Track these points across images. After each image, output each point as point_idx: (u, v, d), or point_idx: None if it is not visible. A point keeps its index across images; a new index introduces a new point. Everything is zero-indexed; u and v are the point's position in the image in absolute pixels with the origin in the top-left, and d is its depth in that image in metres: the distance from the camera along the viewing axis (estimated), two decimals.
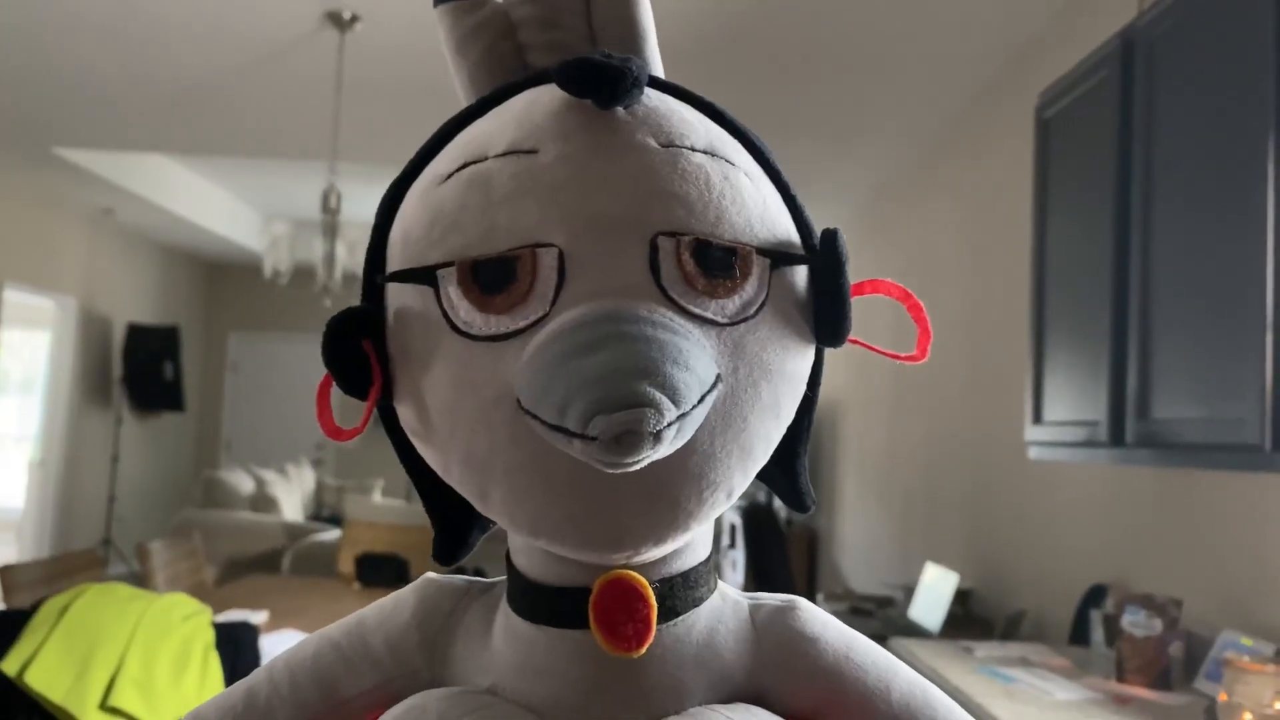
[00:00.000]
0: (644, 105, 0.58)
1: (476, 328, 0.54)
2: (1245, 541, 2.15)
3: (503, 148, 0.57)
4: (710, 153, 0.58)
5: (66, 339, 7.44)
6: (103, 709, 2.20)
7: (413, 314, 0.57)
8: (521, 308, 0.53)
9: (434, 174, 0.59)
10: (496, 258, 0.54)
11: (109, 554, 7.47)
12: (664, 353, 0.49)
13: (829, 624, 0.66)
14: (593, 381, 0.48)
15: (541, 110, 0.58)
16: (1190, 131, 1.93)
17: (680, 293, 0.54)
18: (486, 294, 0.54)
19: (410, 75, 4.07)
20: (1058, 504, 3.03)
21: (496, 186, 0.55)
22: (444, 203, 0.57)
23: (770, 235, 0.58)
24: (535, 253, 0.53)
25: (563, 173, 0.55)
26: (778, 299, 0.58)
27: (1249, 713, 1.76)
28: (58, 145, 5.50)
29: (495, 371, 0.54)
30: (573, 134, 0.56)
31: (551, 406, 0.49)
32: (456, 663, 0.65)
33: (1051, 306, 2.49)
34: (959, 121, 4.20)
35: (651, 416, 0.47)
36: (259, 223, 8.02)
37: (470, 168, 0.57)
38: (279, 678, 0.69)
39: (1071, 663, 2.36)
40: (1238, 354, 1.71)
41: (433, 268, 0.56)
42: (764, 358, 0.57)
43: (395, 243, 0.60)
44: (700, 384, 0.51)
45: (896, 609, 3.85)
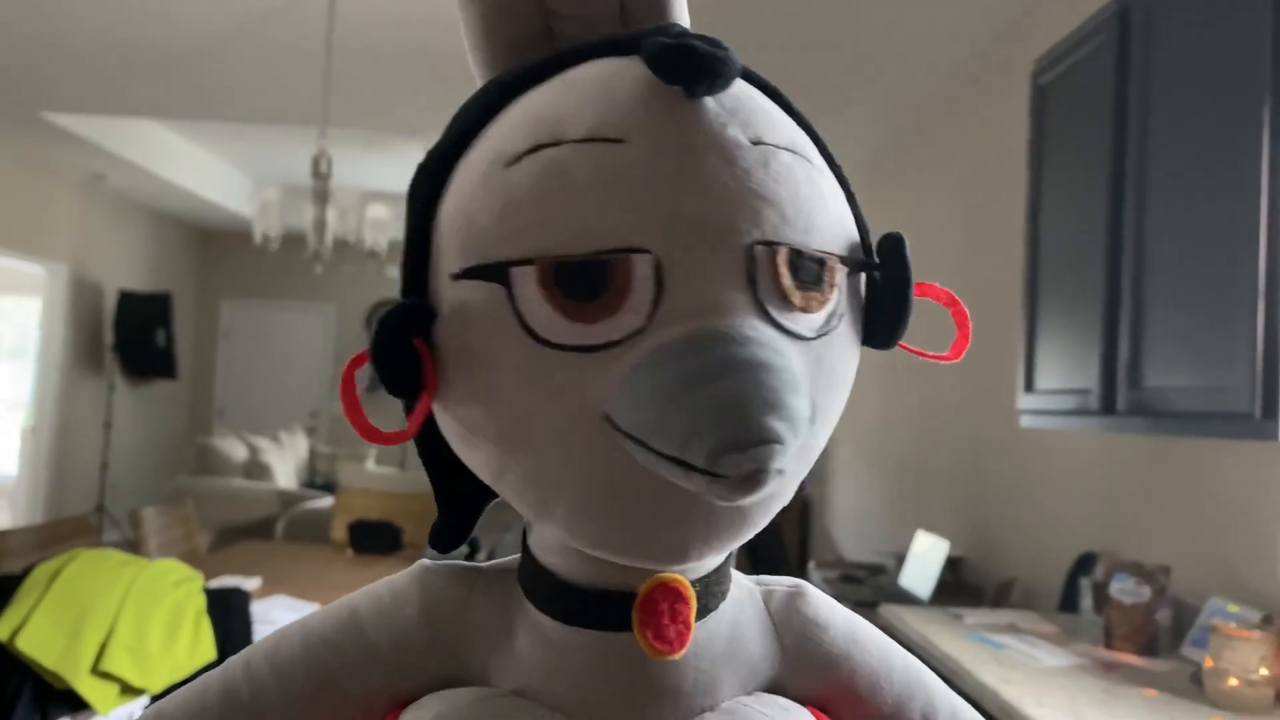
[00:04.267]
0: (731, 95, 0.53)
1: (558, 336, 0.49)
2: (1234, 509, 2.16)
3: (583, 132, 0.51)
4: (793, 150, 0.54)
5: (57, 306, 7.40)
6: (94, 674, 2.21)
7: (477, 312, 0.52)
8: (613, 319, 0.49)
9: (498, 151, 0.53)
10: (585, 261, 0.49)
11: (102, 521, 7.48)
12: (783, 381, 0.46)
13: (834, 609, 0.66)
14: (721, 416, 0.45)
15: (623, 92, 0.52)
16: (1185, 98, 1.92)
17: (776, 308, 0.51)
18: (573, 300, 0.49)
19: (401, 40, 4.03)
20: (1049, 472, 3.04)
21: (579, 178, 0.50)
22: (516, 190, 0.51)
23: (849, 243, 0.56)
24: (629, 259, 0.49)
25: (654, 169, 0.50)
26: (848, 306, 0.56)
27: (1234, 678, 1.78)
28: (47, 110, 5.45)
29: (578, 384, 0.50)
30: (662, 125, 0.51)
31: (670, 438, 0.46)
32: (470, 661, 0.61)
33: (1045, 274, 2.49)
34: (954, 88, 4.17)
35: (780, 453, 0.45)
36: (250, 189, 7.98)
37: (545, 151, 0.51)
38: (260, 674, 0.64)
39: (1060, 629, 2.38)
40: (1229, 323, 1.71)
41: (506, 264, 0.50)
42: (836, 369, 0.55)
43: (453, 228, 0.54)
44: (807, 413, 0.48)
45: (888, 576, 3.87)
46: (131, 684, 2.25)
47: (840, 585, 3.76)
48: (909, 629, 2.39)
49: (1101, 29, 2.22)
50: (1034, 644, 2.20)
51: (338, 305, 9.65)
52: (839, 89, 4.40)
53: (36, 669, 2.19)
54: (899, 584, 3.61)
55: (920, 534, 3.64)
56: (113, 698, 2.23)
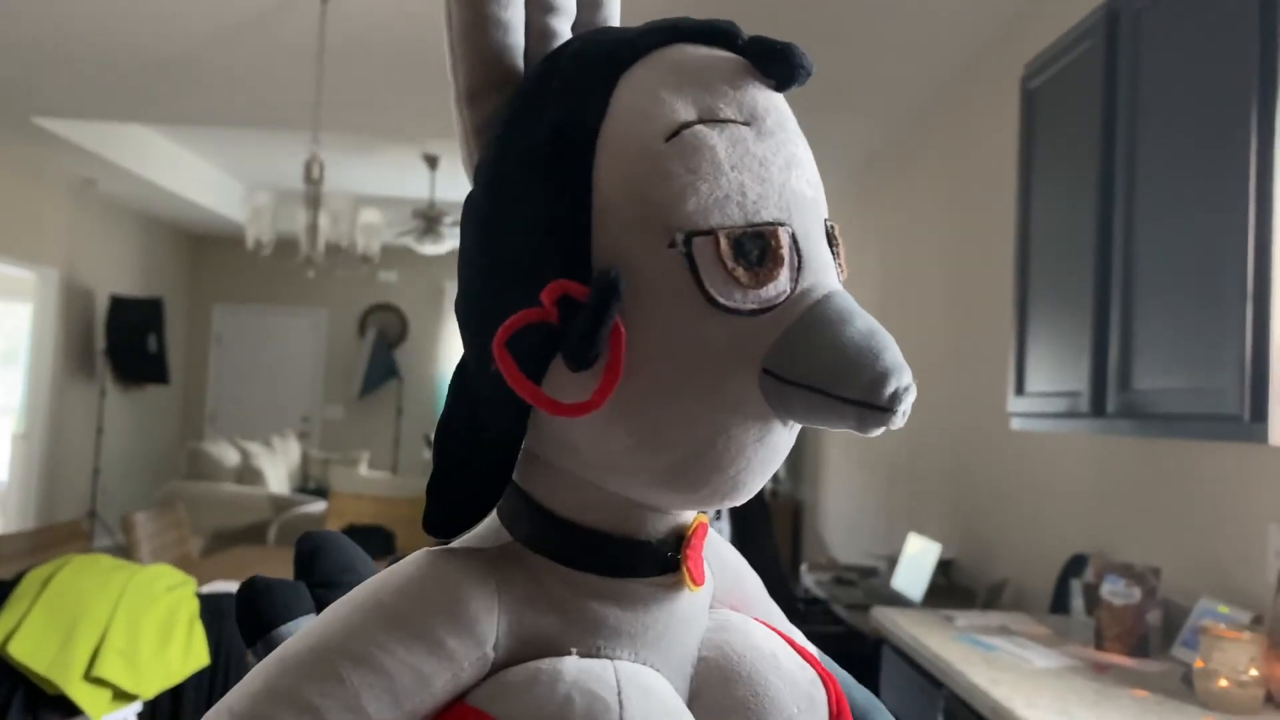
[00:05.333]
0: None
1: (734, 300, 0.56)
2: (1224, 511, 2.17)
3: (724, 114, 0.59)
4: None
5: (49, 311, 7.38)
6: (87, 679, 2.20)
7: (659, 282, 0.56)
8: (773, 284, 0.56)
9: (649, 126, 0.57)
10: (755, 233, 0.56)
11: (94, 526, 7.46)
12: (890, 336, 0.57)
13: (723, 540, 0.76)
14: (892, 366, 0.54)
15: (738, 80, 0.60)
16: (1174, 103, 1.93)
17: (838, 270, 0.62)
18: (745, 268, 0.56)
19: (393, 44, 4.03)
20: (1040, 474, 3.05)
21: (724, 157, 0.57)
22: (679, 165, 0.56)
23: None
24: (778, 231, 0.57)
25: (773, 152, 0.59)
26: None
27: (1224, 679, 1.79)
28: (38, 115, 5.44)
29: (741, 341, 0.56)
30: (766, 113, 0.60)
31: (859, 385, 0.54)
32: (523, 637, 0.60)
33: (1035, 277, 2.50)
34: (944, 93, 4.19)
35: (909, 395, 0.55)
36: (242, 194, 7.96)
37: (695, 129, 0.57)
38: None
39: (1051, 631, 2.39)
40: (1218, 325, 1.72)
41: (691, 234, 0.55)
42: None
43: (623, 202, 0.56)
44: None
45: (880, 579, 3.88)
46: (124, 689, 2.24)
47: (832, 588, 3.76)
48: (901, 631, 2.39)
49: (1090, 34, 2.24)
50: (1025, 645, 2.21)
51: (330, 310, 9.64)
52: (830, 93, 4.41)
53: (29, 675, 2.18)
54: (891, 586, 3.62)
55: (912, 536, 3.64)
56: (105, 703, 2.23)
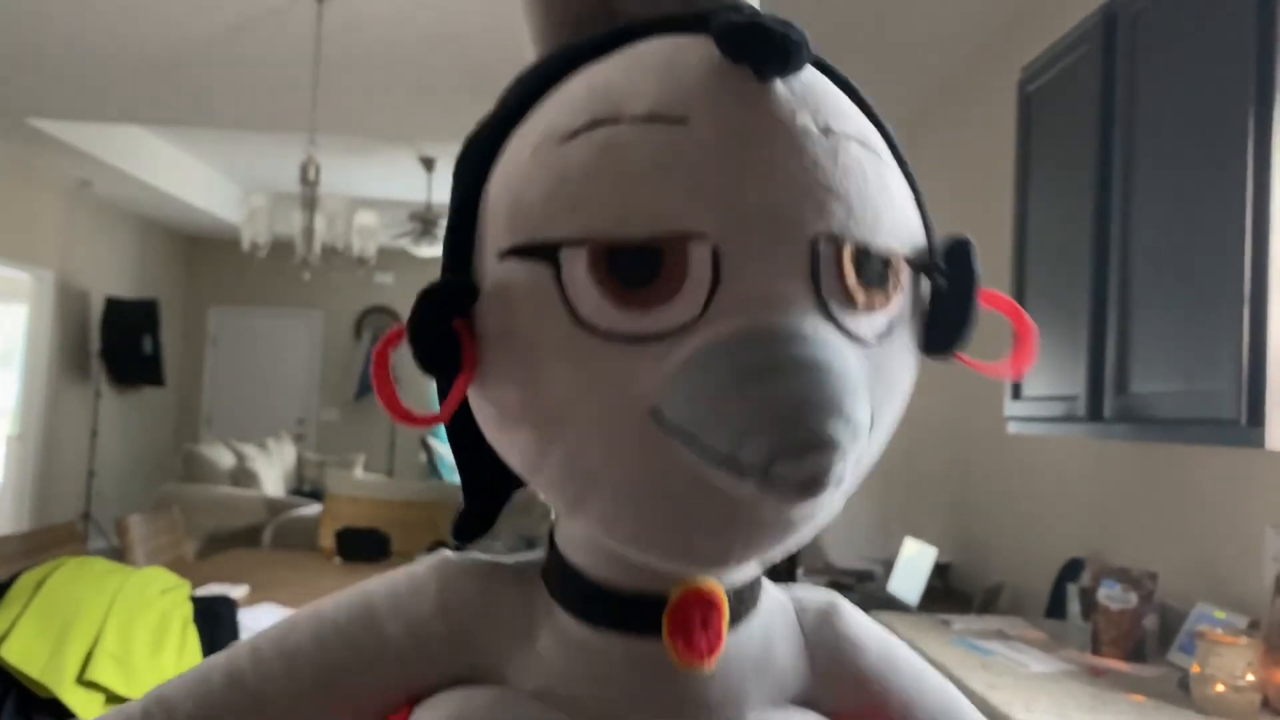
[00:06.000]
0: (801, 81, 0.51)
1: (606, 323, 0.47)
2: (1220, 515, 2.16)
3: (643, 110, 0.49)
4: (864, 143, 0.52)
5: (44, 312, 7.36)
6: (80, 683, 2.19)
7: (522, 293, 0.49)
8: (666, 307, 0.46)
9: (552, 126, 0.51)
10: (640, 245, 0.46)
11: (88, 528, 7.44)
12: (844, 385, 0.44)
13: (869, 627, 0.64)
14: (779, 417, 0.42)
15: (689, 70, 0.50)
16: (1171, 106, 1.93)
17: (839, 307, 0.48)
18: (624, 285, 0.46)
19: (389, 48, 4.02)
20: (1036, 478, 3.05)
21: (637, 158, 0.48)
22: (569, 168, 0.49)
23: (915, 243, 0.54)
24: (685, 245, 0.46)
25: (717, 152, 0.48)
26: (911, 311, 0.53)
27: (1221, 684, 1.78)
28: (34, 116, 5.43)
29: (625, 375, 0.47)
30: (729, 106, 0.48)
31: (723, 435, 0.43)
32: (488, 657, 0.59)
33: (1031, 281, 2.50)
34: (941, 96, 4.19)
35: (838, 461, 0.43)
36: (238, 195, 7.95)
37: (603, 129, 0.49)
38: (269, 662, 0.61)
39: (1047, 635, 2.38)
40: (1215, 329, 1.72)
41: (556, 244, 0.48)
42: (895, 376, 0.53)
43: (501, 205, 0.52)
44: (867, 420, 0.46)
45: (876, 583, 3.87)
46: (117, 693, 2.23)
47: None
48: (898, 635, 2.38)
49: (1087, 37, 2.24)
50: (1021, 650, 2.20)
51: (325, 312, 9.63)
52: None
53: (21, 678, 2.17)
54: (887, 590, 3.61)
55: (908, 540, 3.64)
56: (98, 707, 2.21)
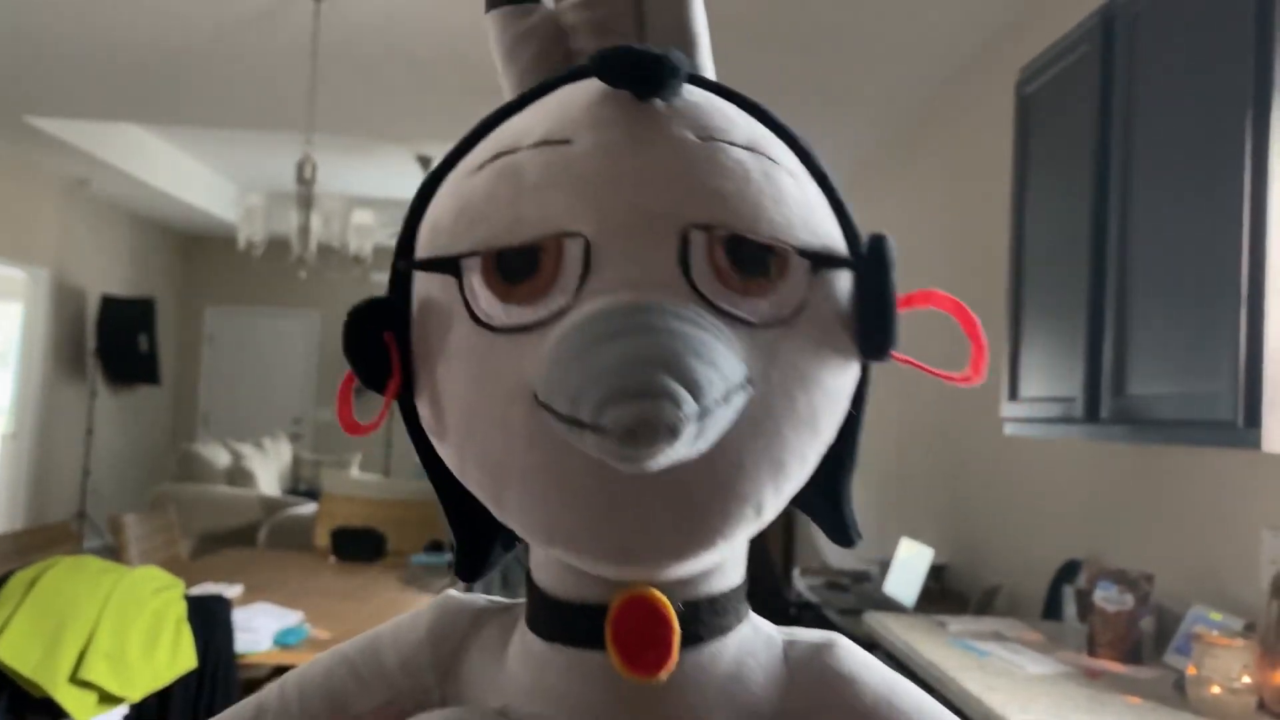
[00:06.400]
0: (684, 99, 0.56)
1: (497, 319, 0.52)
2: (1216, 517, 2.16)
3: (536, 138, 0.55)
4: (751, 149, 0.55)
5: (39, 311, 7.35)
6: (73, 682, 2.19)
7: (435, 305, 0.55)
8: (544, 298, 0.51)
9: (467, 166, 0.58)
10: (520, 247, 0.52)
11: (83, 527, 7.43)
12: (686, 345, 0.46)
13: (869, 665, 0.62)
14: (608, 371, 0.45)
15: (578, 102, 0.56)
16: (1169, 109, 1.92)
17: (710, 289, 0.51)
18: (509, 283, 0.52)
19: (386, 46, 4.02)
20: (1033, 480, 3.05)
21: (527, 176, 0.53)
22: (473, 193, 0.55)
23: (812, 236, 0.55)
24: (561, 243, 0.51)
25: (594, 163, 0.53)
26: (818, 305, 0.55)
27: (1217, 686, 1.78)
28: (30, 114, 5.42)
29: (513, 364, 0.51)
30: (608, 125, 0.54)
31: (565, 397, 0.46)
32: (469, 683, 0.62)
33: (1029, 282, 2.50)
34: (939, 98, 4.19)
35: (668, 408, 0.44)
36: (235, 194, 7.95)
37: (502, 159, 0.55)
38: (289, 695, 0.67)
39: (1044, 637, 2.38)
40: (1213, 331, 1.72)
41: (456, 257, 0.54)
42: (799, 365, 0.54)
43: (424, 233, 0.58)
44: (725, 382, 0.47)
45: (872, 584, 3.87)
46: (110, 692, 2.23)
47: (825, 592, 3.76)
48: (894, 637, 2.38)
49: (1085, 39, 2.23)
50: (1018, 651, 2.20)
51: (322, 312, 9.61)
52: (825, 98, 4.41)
53: (14, 677, 2.17)
54: (883, 591, 3.61)
55: (905, 541, 3.64)
56: (91, 706, 2.21)
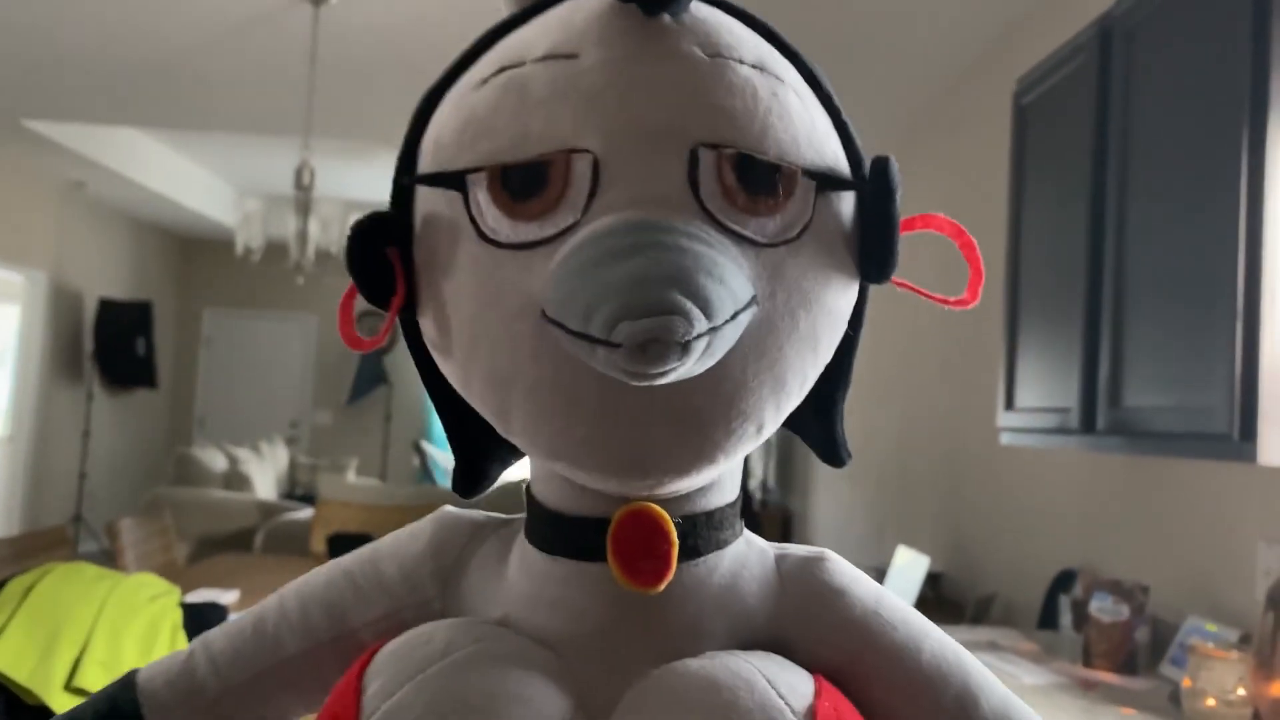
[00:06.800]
0: (692, 15, 0.55)
1: (504, 235, 0.52)
2: (1212, 529, 2.16)
3: (541, 52, 0.54)
4: (759, 67, 0.55)
5: (36, 314, 7.34)
6: (68, 690, 2.18)
7: (440, 221, 0.55)
8: (552, 215, 0.51)
9: (470, 80, 0.57)
10: (528, 163, 0.52)
11: (79, 531, 7.42)
12: (697, 263, 0.47)
13: (858, 578, 0.63)
14: (620, 287, 0.46)
15: (584, 15, 0.55)
16: (1166, 120, 1.93)
17: (718, 207, 0.51)
18: (516, 200, 0.52)
19: (384, 51, 4.02)
20: (1029, 489, 3.05)
21: (532, 91, 0.53)
22: (477, 107, 0.55)
23: (817, 157, 0.56)
24: (569, 158, 0.51)
25: (601, 78, 0.52)
26: (822, 225, 0.55)
27: (1212, 698, 1.78)
28: (27, 117, 5.42)
29: (521, 280, 0.51)
30: (615, 39, 0.53)
31: (576, 313, 0.47)
32: (469, 594, 0.63)
33: (1025, 293, 2.50)
34: (936, 107, 4.19)
35: (680, 324, 0.45)
36: (233, 198, 7.94)
37: (507, 72, 0.55)
38: (289, 605, 0.68)
39: (1039, 647, 2.38)
40: (1209, 343, 1.72)
41: (462, 172, 0.53)
42: (803, 285, 0.54)
43: (427, 148, 0.58)
44: (734, 299, 0.48)
45: None
46: None
47: None
48: None
49: (1082, 50, 2.24)
50: (1013, 662, 2.20)
51: (319, 316, 9.60)
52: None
53: (8, 685, 2.16)
54: None
55: (901, 549, 3.64)
56: None
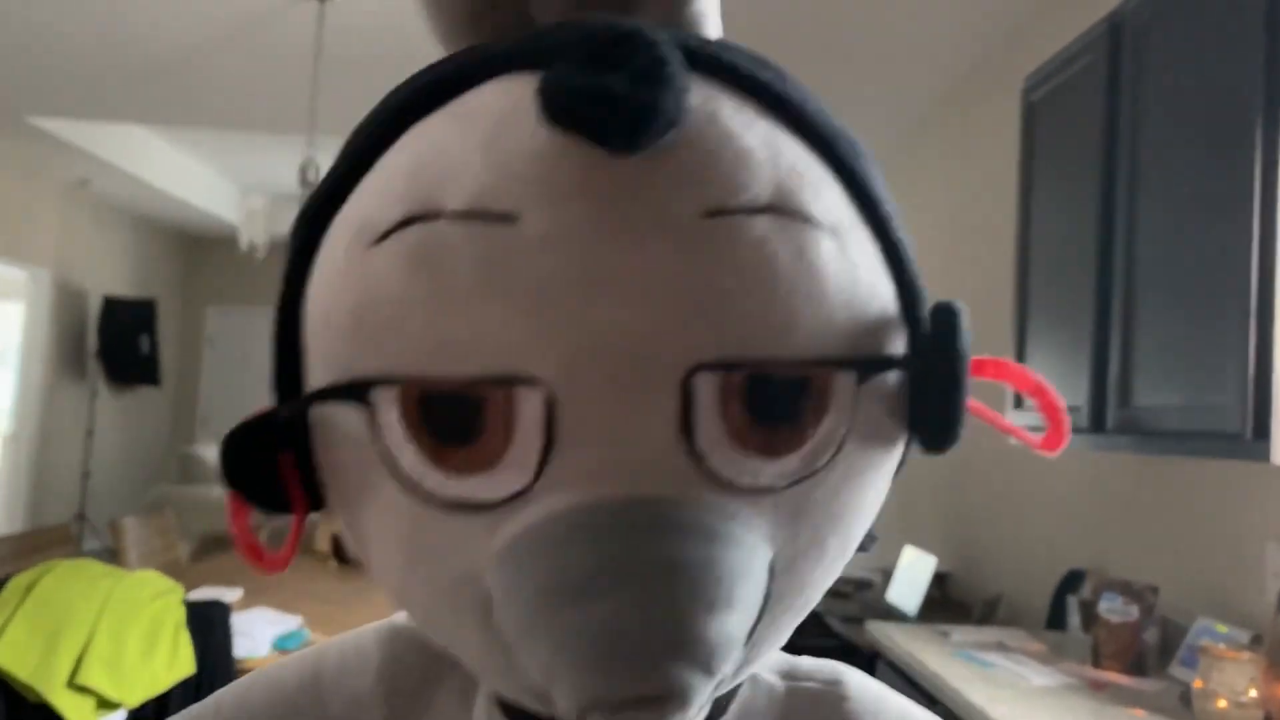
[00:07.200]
0: (679, 131, 0.38)
1: (431, 487, 0.38)
2: (1223, 529, 2.15)
3: (463, 202, 0.37)
4: (777, 208, 0.39)
5: (40, 311, 7.34)
6: (70, 687, 2.17)
7: (340, 438, 0.41)
8: (492, 473, 0.37)
9: (364, 220, 0.40)
10: (453, 393, 0.37)
11: (83, 529, 7.41)
12: (696, 591, 0.35)
13: (880, 711, 0.54)
14: (588, 657, 0.34)
15: (520, 144, 0.38)
16: (1176, 116, 1.91)
17: (723, 460, 0.37)
18: (442, 443, 0.37)
19: (390, 48, 4.01)
20: (1037, 489, 3.04)
21: (457, 269, 0.37)
22: (376, 284, 0.38)
23: (859, 328, 0.40)
24: (511, 394, 0.36)
25: (551, 264, 0.36)
26: (863, 420, 0.40)
27: (1223, 699, 1.76)
28: (32, 114, 5.41)
29: (458, 548, 0.39)
30: (567, 196, 0.37)
31: (536, 665, 0.36)
32: None
33: (1035, 291, 2.48)
34: (945, 104, 4.18)
35: (674, 709, 0.34)
36: (237, 196, 7.93)
37: (416, 227, 0.38)
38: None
39: (1047, 648, 2.36)
40: (1220, 342, 1.70)
41: (365, 384, 0.38)
42: (834, 509, 0.41)
43: (313, 321, 0.42)
44: (748, 616, 0.37)
45: (874, 591, 3.86)
46: (108, 698, 2.21)
47: (826, 600, 3.73)
48: (897, 646, 2.37)
49: (1092, 46, 2.22)
50: (1022, 662, 2.19)
51: None
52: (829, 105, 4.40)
53: (11, 682, 2.15)
54: (886, 599, 3.59)
55: (907, 548, 3.62)
56: (88, 712, 2.19)
